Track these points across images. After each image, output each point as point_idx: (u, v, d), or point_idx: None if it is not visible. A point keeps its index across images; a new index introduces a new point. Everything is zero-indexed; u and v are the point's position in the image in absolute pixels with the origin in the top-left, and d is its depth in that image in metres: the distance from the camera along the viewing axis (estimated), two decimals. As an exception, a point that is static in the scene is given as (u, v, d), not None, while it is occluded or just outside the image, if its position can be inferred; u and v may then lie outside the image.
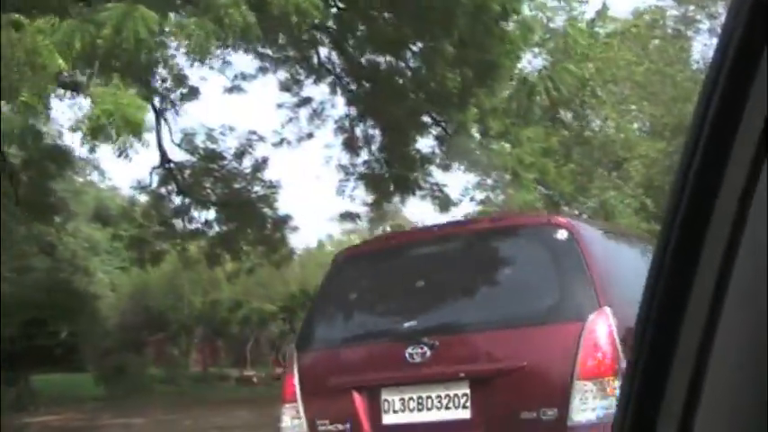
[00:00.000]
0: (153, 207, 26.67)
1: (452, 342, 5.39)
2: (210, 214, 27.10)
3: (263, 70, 24.91)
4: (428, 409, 5.27)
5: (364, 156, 20.79)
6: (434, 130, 19.57)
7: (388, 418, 5.41)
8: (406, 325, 5.68)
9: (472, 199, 23.28)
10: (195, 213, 27.45)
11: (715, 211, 1.13)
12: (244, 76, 25.45)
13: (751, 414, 1.04)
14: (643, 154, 24.80)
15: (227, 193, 26.71)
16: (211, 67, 26.53)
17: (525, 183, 19.69)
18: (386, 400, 5.40)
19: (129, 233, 27.66)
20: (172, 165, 25.84)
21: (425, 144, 20.60)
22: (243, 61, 24.25)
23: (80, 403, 24.61)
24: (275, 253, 27.24)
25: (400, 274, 6.14)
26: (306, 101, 24.37)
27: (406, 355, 5.30)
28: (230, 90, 25.77)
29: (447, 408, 5.19)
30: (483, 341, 5.47)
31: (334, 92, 20.93)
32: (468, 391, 5.16)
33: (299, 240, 43.21)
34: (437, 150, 21.49)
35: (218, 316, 32.61)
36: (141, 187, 26.08)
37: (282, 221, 27.14)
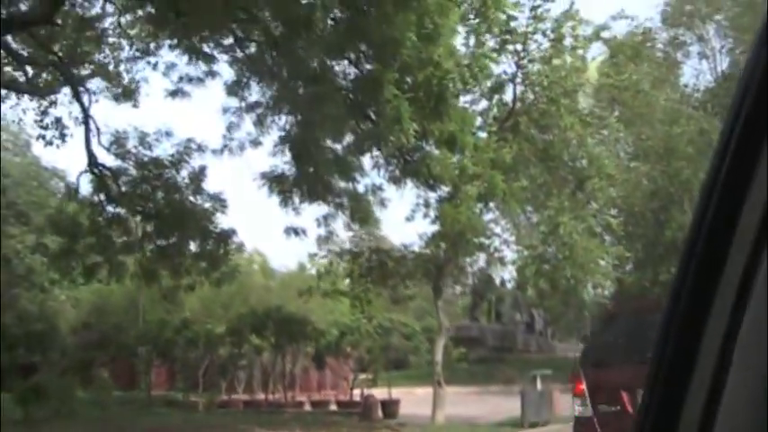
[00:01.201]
0: (83, 216, 24.77)
1: None
2: (148, 226, 25.34)
3: (210, 74, 23.02)
4: None
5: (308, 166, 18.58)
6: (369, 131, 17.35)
7: None
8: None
9: (426, 216, 21.21)
10: (132, 225, 25.80)
11: (740, 222, 1.18)
12: (189, 79, 23.49)
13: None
14: (611, 174, 22.74)
15: (166, 203, 24.83)
16: (154, 68, 25.09)
17: (466, 198, 17.69)
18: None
19: (58, 244, 25.64)
20: (102, 170, 24.00)
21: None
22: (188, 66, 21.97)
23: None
24: (216, 270, 25.38)
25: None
26: (253, 106, 22.25)
27: None
28: (173, 94, 23.73)
29: None
30: None
31: (281, 97, 18.70)
32: None
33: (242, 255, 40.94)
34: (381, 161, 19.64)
35: (164, 337, 30.47)
36: (68, 194, 24.30)
37: (226, 236, 25.32)
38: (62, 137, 25.28)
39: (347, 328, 53.87)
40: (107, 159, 24.28)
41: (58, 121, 25.25)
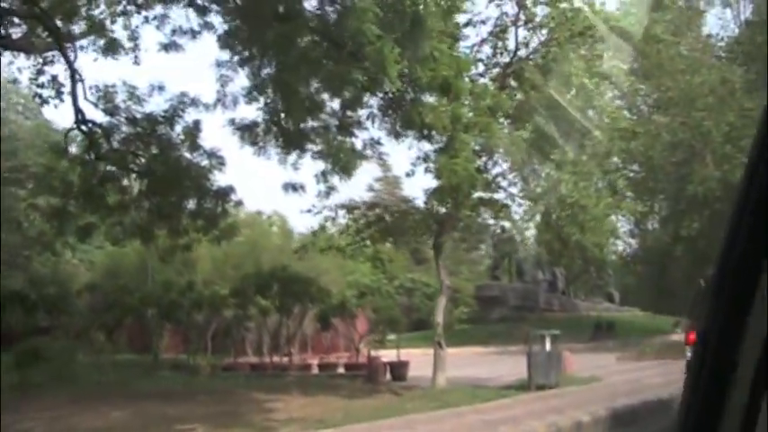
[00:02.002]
0: (74, 174, 23.90)
1: None
2: (143, 185, 24.45)
3: (206, 26, 21.90)
4: None
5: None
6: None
7: None
8: None
9: (427, 170, 20.05)
10: (126, 184, 24.95)
11: None
12: (183, 32, 22.40)
13: None
14: (623, 126, 21.46)
15: (161, 161, 23.90)
16: (146, 20, 24.05)
17: (461, 147, 16.59)
18: None
19: (49, 204, 24.86)
20: (92, 127, 23.11)
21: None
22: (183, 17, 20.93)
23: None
24: (215, 228, 24.53)
25: None
26: (248, 59, 21.09)
27: None
28: (166, 47, 22.66)
29: None
30: None
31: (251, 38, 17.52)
32: None
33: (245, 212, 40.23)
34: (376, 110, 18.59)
35: (168, 299, 29.74)
36: (56, 151, 23.49)
37: (224, 193, 24.40)
38: (58, 95, 24.43)
39: (367, 288, 53.24)
40: (97, 116, 23.40)
41: (53, 78, 24.40)
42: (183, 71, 30.94)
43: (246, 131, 17.76)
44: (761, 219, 1.16)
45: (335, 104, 17.86)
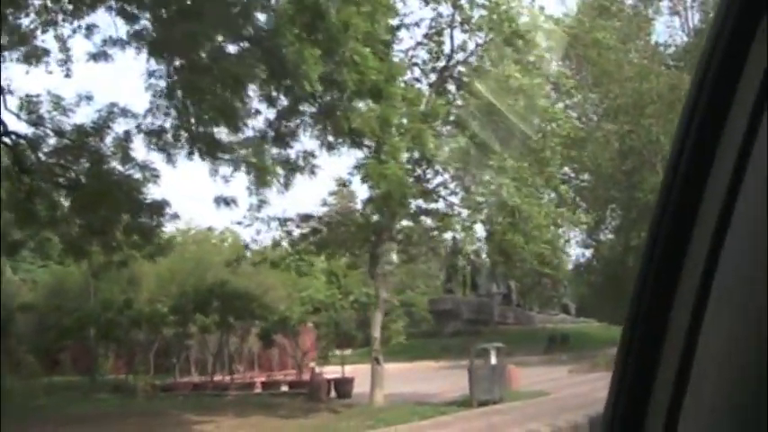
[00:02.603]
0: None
1: None
2: (73, 199, 23.45)
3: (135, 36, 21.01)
4: None
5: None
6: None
7: None
8: None
9: (364, 180, 19.24)
10: (56, 198, 23.95)
11: (700, 210, 1.20)
12: (113, 42, 21.52)
13: (733, 413, 1.09)
14: (566, 134, 20.81)
15: (91, 174, 22.94)
16: (75, 30, 23.08)
17: (392, 153, 15.86)
18: None
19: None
20: (16, 139, 22.15)
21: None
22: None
23: None
24: (149, 243, 23.64)
25: None
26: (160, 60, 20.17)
27: None
28: (95, 57, 21.77)
29: None
30: None
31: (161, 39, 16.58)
32: None
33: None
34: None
35: (105, 318, 28.66)
36: (-24, 165, 22.48)
37: (158, 207, 23.47)
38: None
39: (321, 303, 52.28)
40: (21, 127, 22.41)
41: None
42: (113, 81, 29.96)
43: (154, 137, 16.89)
44: (680, 221, 1.21)
45: (270, 115, 17.07)
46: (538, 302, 53.84)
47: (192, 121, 15.60)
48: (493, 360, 21.04)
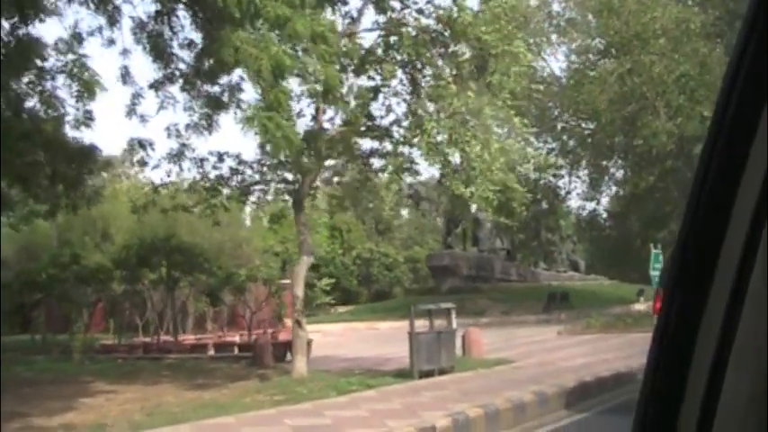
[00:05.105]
0: None
1: None
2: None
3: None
4: None
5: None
6: None
7: None
8: None
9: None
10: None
11: (735, 205, 1.16)
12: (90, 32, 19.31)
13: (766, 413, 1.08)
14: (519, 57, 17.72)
15: (8, 116, 20.52)
16: None
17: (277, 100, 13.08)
18: None
19: None
20: None
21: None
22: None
23: None
24: (76, 191, 21.28)
25: None
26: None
27: None
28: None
29: None
30: None
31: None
32: None
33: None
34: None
35: (48, 273, 26.39)
36: None
37: (86, 153, 21.04)
38: None
39: (322, 260, 49.89)
40: None
41: None
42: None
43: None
44: (724, 190, 1.16)
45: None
46: (541, 258, 50.91)
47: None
48: (439, 324, 18.39)
